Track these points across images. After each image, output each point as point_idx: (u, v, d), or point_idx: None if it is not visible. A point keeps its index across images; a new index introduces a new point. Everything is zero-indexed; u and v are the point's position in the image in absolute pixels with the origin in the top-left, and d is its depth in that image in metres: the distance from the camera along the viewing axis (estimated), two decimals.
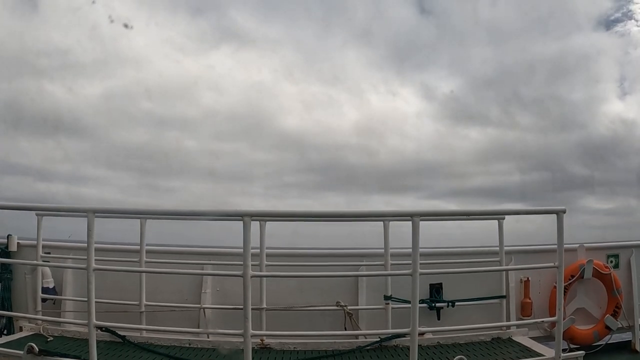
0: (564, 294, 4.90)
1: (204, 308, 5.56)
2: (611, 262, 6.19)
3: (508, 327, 5.14)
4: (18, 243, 5.87)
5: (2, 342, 4.63)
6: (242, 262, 3.74)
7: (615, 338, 6.14)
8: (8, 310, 5.61)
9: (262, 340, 4.70)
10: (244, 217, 3.73)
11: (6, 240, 5.84)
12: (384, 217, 5.03)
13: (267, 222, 5.15)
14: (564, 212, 4.24)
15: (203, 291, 5.73)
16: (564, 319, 4.45)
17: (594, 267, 5.88)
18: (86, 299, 3.89)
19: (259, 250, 5.16)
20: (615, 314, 5.97)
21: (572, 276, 5.78)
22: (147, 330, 4.92)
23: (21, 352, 4.12)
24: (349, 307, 5.40)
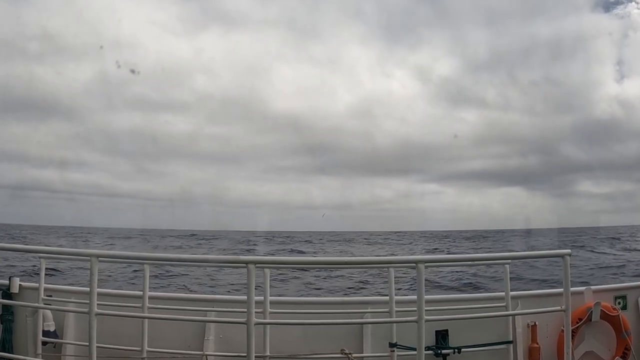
0: (572, 338, 4.83)
1: (206, 355, 5.49)
2: (619, 303, 6.12)
3: None
4: (20, 285, 5.85)
5: None
6: (245, 309, 3.73)
7: None
8: (8, 353, 5.54)
9: None
10: (249, 264, 3.75)
11: (8, 282, 5.83)
12: (388, 264, 5.03)
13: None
14: (570, 255, 4.30)
15: (206, 338, 5.66)
16: None
17: (601, 309, 5.80)
18: (87, 344, 3.86)
19: (262, 297, 5.13)
20: (624, 356, 5.85)
21: (580, 319, 5.69)
22: None
23: None
24: (353, 355, 5.29)
